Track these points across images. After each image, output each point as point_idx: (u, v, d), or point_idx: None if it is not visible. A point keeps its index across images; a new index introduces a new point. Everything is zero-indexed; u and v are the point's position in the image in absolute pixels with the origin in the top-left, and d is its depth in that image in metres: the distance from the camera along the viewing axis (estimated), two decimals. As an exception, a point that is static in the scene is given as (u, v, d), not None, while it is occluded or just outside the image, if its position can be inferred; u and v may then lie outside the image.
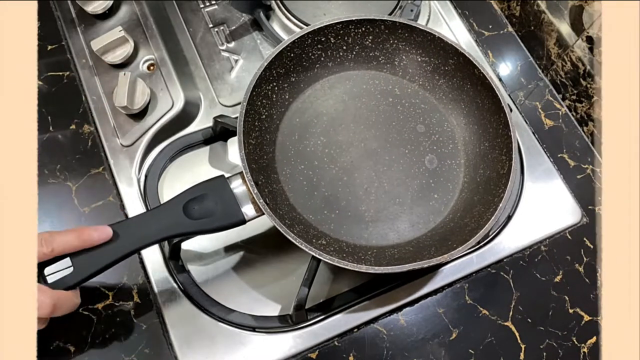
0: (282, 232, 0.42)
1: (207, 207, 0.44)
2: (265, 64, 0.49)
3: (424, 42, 0.54)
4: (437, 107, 0.55)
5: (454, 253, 0.44)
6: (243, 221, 0.44)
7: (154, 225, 0.43)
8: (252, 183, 0.44)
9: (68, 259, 0.40)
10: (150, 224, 0.43)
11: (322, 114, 0.54)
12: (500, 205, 0.46)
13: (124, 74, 0.52)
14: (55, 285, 0.40)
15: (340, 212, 0.50)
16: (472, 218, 0.49)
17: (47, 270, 0.40)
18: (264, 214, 0.43)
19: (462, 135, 0.54)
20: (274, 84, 0.52)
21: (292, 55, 0.52)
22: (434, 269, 0.53)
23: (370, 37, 0.54)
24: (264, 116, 0.51)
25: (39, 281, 0.40)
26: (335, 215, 0.50)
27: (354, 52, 0.55)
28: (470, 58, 0.51)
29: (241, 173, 0.45)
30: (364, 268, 0.43)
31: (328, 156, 0.52)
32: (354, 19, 0.52)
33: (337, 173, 0.52)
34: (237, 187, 0.45)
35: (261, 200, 0.43)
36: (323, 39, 0.53)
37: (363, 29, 0.54)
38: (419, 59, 0.55)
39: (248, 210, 0.45)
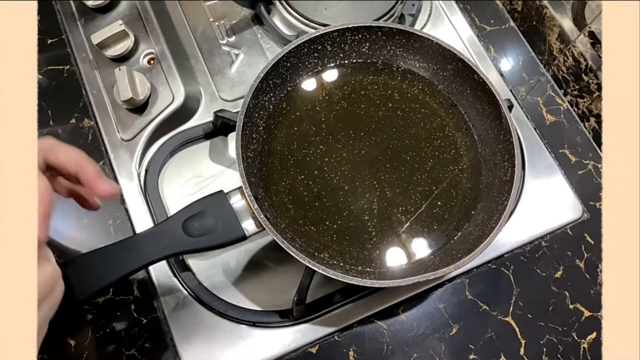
0: (284, 247, 0.42)
1: (206, 224, 0.43)
2: (262, 75, 0.48)
3: (421, 48, 0.53)
4: (437, 111, 0.54)
5: (460, 264, 0.43)
6: (244, 237, 0.44)
7: (151, 246, 0.42)
8: (252, 198, 0.43)
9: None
10: (147, 245, 0.42)
11: (320, 122, 0.53)
12: (504, 213, 0.45)
13: (119, 69, 0.52)
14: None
15: (343, 223, 0.49)
16: (476, 226, 0.48)
17: None
18: (264, 228, 0.43)
19: (464, 141, 0.53)
20: (271, 94, 0.51)
21: (288, 64, 0.51)
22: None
23: (367, 44, 0.53)
24: (261, 127, 0.51)
25: None
26: (337, 225, 0.49)
27: (351, 59, 0.54)
28: (470, 63, 0.50)
29: (240, 188, 0.45)
30: (369, 283, 0.42)
31: (328, 165, 0.51)
32: (350, 26, 0.51)
33: (338, 182, 0.51)
34: (237, 202, 0.45)
35: (262, 216, 0.43)
36: (319, 47, 0.52)
37: (360, 36, 0.53)
38: (417, 65, 0.54)
39: (248, 225, 0.44)
